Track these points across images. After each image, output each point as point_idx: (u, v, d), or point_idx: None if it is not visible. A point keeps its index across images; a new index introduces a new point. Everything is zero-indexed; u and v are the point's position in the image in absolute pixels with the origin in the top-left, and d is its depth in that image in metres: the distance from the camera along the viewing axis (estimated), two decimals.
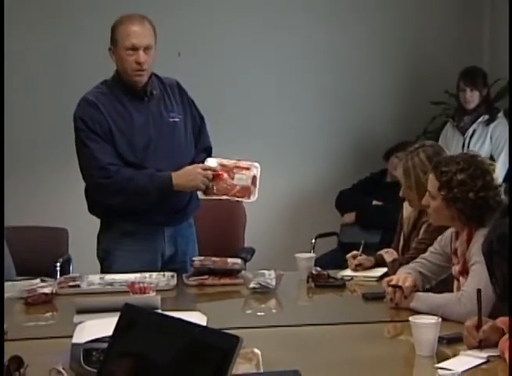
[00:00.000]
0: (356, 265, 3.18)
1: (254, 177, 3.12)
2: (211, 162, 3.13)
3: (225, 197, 3.10)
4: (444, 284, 2.74)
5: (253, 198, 3.11)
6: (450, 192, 2.52)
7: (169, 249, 3.21)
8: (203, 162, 3.17)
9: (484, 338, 2.10)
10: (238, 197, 3.10)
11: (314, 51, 5.38)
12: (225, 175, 3.09)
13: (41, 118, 5.14)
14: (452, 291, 2.63)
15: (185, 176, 3.06)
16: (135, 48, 3.05)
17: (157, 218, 3.12)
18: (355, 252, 3.24)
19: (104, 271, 3.16)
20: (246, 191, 3.10)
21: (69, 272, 4.15)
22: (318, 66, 5.40)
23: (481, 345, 2.10)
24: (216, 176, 3.09)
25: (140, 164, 3.10)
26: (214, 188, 3.08)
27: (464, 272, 2.49)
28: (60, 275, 4.01)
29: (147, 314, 1.51)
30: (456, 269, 2.60)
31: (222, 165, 3.11)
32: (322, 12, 5.37)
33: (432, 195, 2.60)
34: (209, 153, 3.32)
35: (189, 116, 3.26)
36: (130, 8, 4.46)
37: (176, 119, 3.19)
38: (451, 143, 4.83)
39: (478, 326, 2.11)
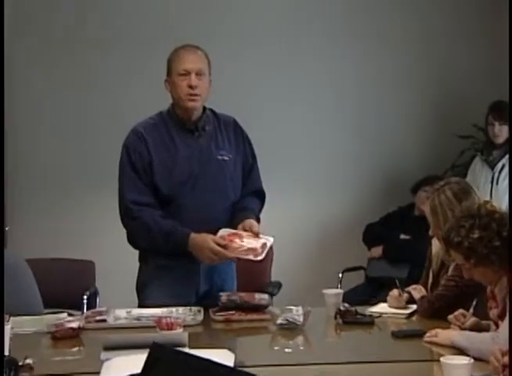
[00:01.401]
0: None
1: (265, 244, 3.08)
2: (224, 232, 3.07)
3: (232, 255, 3.03)
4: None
5: (259, 257, 3.04)
6: (477, 254, 2.47)
7: (204, 285, 3.17)
8: (252, 210, 3.17)
9: (508, 364, 2.05)
10: (244, 255, 3.03)
11: (343, 81, 5.38)
12: (236, 239, 3.05)
13: (68, 152, 5.19)
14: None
15: (198, 246, 3.03)
16: (187, 73, 3.08)
17: (192, 255, 3.07)
18: (396, 290, 3.16)
19: (140, 304, 3.16)
20: (253, 251, 3.04)
21: (96, 305, 4.16)
22: (344, 102, 5.41)
23: (504, 372, 2.06)
24: (228, 239, 3.04)
25: (175, 199, 3.09)
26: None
27: (503, 315, 2.45)
28: (87, 307, 4.01)
29: (175, 354, 1.50)
30: (494, 313, 2.57)
31: (235, 233, 3.07)
32: (347, 43, 5.37)
33: (467, 267, 2.54)
34: (262, 199, 3.31)
35: (240, 155, 3.24)
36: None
37: (226, 158, 3.17)
38: (479, 178, 4.80)
39: (506, 353, 2.08)
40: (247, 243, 3.06)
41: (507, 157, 4.75)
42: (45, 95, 5.17)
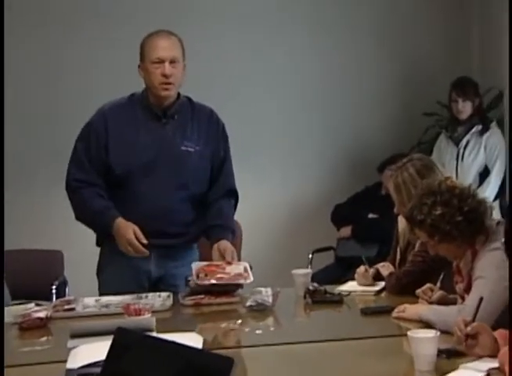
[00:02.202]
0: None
1: (246, 267, 3.08)
2: (198, 265, 3.05)
3: (222, 282, 2.99)
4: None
5: (249, 280, 3.03)
6: (440, 230, 2.48)
7: (156, 271, 3.16)
8: (228, 227, 3.18)
9: (471, 333, 2.09)
10: (234, 281, 3.01)
11: (307, 63, 5.39)
12: (215, 268, 3.04)
13: (36, 139, 5.13)
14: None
15: (118, 233, 3.03)
16: (161, 61, 3.03)
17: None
18: (363, 267, 3.20)
19: (98, 289, 3.17)
20: (240, 276, 3.03)
21: (65, 295, 4.12)
22: (311, 80, 5.40)
23: (466, 342, 2.09)
24: (207, 270, 3.02)
25: (129, 183, 3.07)
26: (208, 277, 2.99)
27: (469, 289, 2.48)
28: (56, 297, 3.98)
29: (140, 338, 1.49)
30: (460, 287, 2.59)
31: (211, 264, 3.05)
32: (315, 24, 5.38)
33: (431, 244, 2.56)
34: (236, 199, 3.29)
35: (210, 147, 3.17)
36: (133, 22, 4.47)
37: (190, 149, 3.11)
38: (445, 155, 4.84)
39: (470, 323, 2.11)
40: (230, 270, 3.04)
41: (471, 132, 4.78)
42: (9, 81, 5.08)
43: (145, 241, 3.00)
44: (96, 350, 1.83)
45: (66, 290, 4.25)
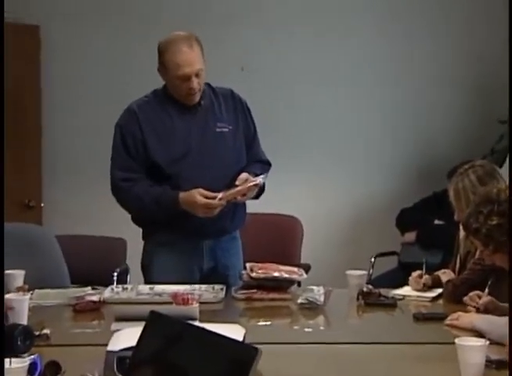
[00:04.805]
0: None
1: (299, 268, 3.11)
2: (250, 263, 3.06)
3: (276, 275, 2.99)
4: None
5: (304, 276, 3.05)
6: (495, 241, 2.41)
7: (208, 262, 3.17)
8: (255, 173, 3.13)
9: None
10: (289, 275, 3.01)
11: (380, 64, 5.33)
12: (268, 265, 3.04)
13: (104, 130, 5.21)
14: None
15: (188, 203, 3.01)
16: (187, 78, 3.02)
17: (194, 230, 3.08)
18: (419, 272, 3.14)
19: (146, 283, 3.17)
20: (293, 272, 3.04)
21: (126, 283, 4.17)
22: (383, 80, 5.33)
23: None
24: (261, 266, 3.03)
25: (174, 175, 3.08)
26: (262, 271, 3.00)
27: None
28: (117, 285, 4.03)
29: (171, 322, 1.49)
30: None
31: (263, 266, 3.04)
32: (390, 24, 5.31)
33: (487, 254, 2.49)
34: (266, 165, 3.26)
35: (242, 123, 3.20)
36: (194, 22, 4.54)
37: (224, 129, 3.15)
38: None
39: None
40: (283, 268, 3.06)
41: None
42: (82, 78, 5.19)
43: (218, 195, 2.96)
44: (138, 334, 1.85)
45: (128, 278, 4.30)
